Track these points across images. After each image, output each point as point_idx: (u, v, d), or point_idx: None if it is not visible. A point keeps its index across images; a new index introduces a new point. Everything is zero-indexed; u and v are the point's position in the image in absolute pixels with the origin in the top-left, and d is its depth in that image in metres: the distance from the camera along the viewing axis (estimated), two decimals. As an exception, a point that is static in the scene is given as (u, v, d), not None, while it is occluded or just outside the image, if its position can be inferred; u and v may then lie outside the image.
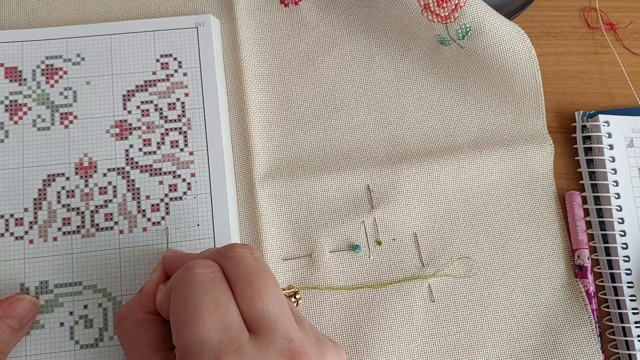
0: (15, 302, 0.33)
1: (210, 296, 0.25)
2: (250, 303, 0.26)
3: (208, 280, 0.26)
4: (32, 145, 0.38)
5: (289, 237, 0.39)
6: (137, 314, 0.30)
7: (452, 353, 0.38)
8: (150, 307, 0.30)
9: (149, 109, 0.39)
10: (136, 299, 0.31)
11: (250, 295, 0.26)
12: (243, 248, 0.28)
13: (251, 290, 0.26)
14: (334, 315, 0.38)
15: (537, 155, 0.42)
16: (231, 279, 0.27)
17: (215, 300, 0.25)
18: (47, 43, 0.40)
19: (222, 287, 0.26)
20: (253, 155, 0.40)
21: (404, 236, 0.40)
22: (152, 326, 0.29)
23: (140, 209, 0.37)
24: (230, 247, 0.28)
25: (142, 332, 0.29)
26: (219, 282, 0.26)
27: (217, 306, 0.25)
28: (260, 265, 0.27)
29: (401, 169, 0.40)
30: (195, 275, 0.26)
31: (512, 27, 0.41)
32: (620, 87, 0.45)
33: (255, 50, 0.43)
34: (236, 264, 0.27)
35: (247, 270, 0.27)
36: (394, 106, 0.43)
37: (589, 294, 0.39)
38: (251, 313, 0.26)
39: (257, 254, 0.28)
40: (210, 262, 0.27)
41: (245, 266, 0.27)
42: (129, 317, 0.30)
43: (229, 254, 0.28)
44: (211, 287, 0.26)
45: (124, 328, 0.30)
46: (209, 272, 0.27)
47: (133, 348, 0.28)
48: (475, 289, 0.39)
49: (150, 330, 0.29)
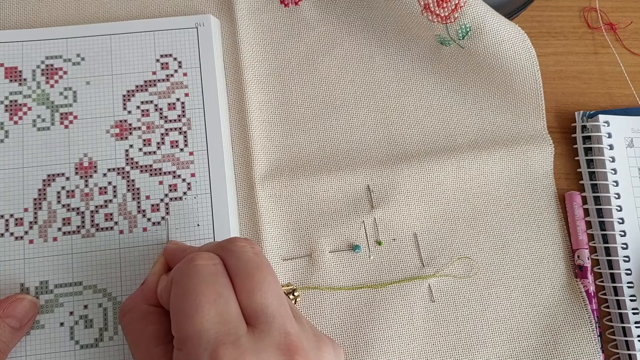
0: (15, 302, 0.34)
1: (211, 288, 0.26)
2: (250, 296, 0.26)
3: (209, 272, 0.26)
4: (32, 145, 0.38)
5: (289, 237, 0.39)
6: (141, 306, 0.30)
7: (452, 353, 0.38)
8: (154, 300, 0.30)
9: (149, 109, 0.39)
10: (139, 291, 0.31)
11: (249, 288, 0.26)
12: (244, 242, 0.29)
13: (251, 284, 0.26)
14: (334, 315, 0.38)
15: (537, 155, 0.42)
16: (232, 272, 0.27)
17: (215, 292, 0.26)
18: (47, 43, 0.40)
19: (222, 279, 0.26)
20: (253, 155, 0.40)
21: (404, 236, 0.40)
22: (156, 319, 0.29)
23: (140, 209, 0.37)
24: (231, 241, 0.29)
25: (146, 324, 0.29)
26: (220, 275, 0.27)
27: (216, 298, 0.25)
28: (261, 259, 0.28)
29: (401, 169, 0.40)
30: (196, 266, 0.27)
31: (512, 27, 0.41)
32: (620, 87, 0.45)
33: (255, 50, 0.43)
34: (237, 258, 0.27)
35: (247, 264, 0.27)
36: (394, 106, 0.43)
37: (589, 294, 0.39)
38: (250, 306, 0.26)
39: (258, 249, 0.29)
40: (211, 255, 0.28)
41: (245, 260, 0.27)
42: (132, 310, 0.30)
43: (231, 248, 0.28)
44: (212, 279, 0.26)
45: (127, 321, 0.30)
46: (210, 264, 0.27)
47: (137, 341, 0.29)
48: (475, 289, 0.39)
49: (154, 323, 0.29)
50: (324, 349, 0.28)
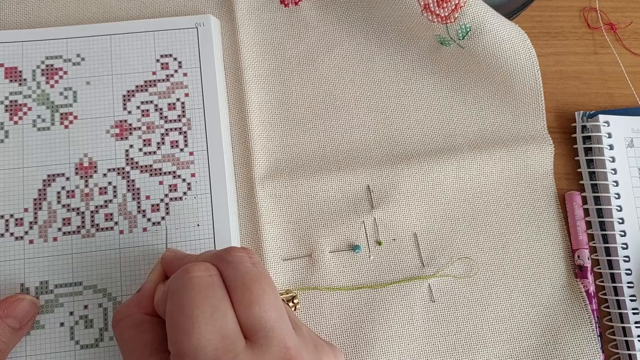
0: (15, 302, 0.33)
1: (207, 301, 0.25)
2: (248, 309, 0.25)
3: (205, 284, 0.26)
4: (32, 145, 0.38)
5: (289, 237, 0.39)
6: (136, 315, 0.29)
7: (452, 353, 0.38)
8: (149, 308, 0.30)
9: (149, 109, 0.39)
10: (135, 299, 0.31)
11: (247, 302, 0.25)
12: (242, 252, 0.28)
13: (249, 296, 0.26)
14: (334, 316, 0.38)
15: (537, 155, 0.42)
16: (229, 283, 0.26)
17: (212, 306, 0.25)
18: (47, 43, 0.40)
19: (219, 292, 0.26)
20: (253, 155, 0.40)
21: (404, 236, 0.40)
22: (151, 328, 0.28)
23: (140, 209, 0.37)
24: (228, 251, 0.28)
25: (141, 333, 0.28)
26: (217, 287, 0.26)
27: (213, 312, 0.25)
28: (259, 270, 0.27)
29: (401, 169, 0.40)
30: (192, 278, 0.26)
31: (512, 27, 0.41)
32: (620, 87, 0.45)
33: (255, 50, 0.43)
34: (234, 268, 0.27)
35: (245, 276, 0.26)
36: (394, 106, 0.43)
37: (589, 294, 0.39)
38: (248, 319, 0.25)
39: (256, 259, 0.28)
40: (208, 266, 0.27)
41: (243, 271, 0.27)
42: (127, 318, 0.29)
43: (228, 258, 0.27)
44: (208, 291, 0.25)
45: (122, 329, 0.29)
46: (207, 275, 0.26)
47: (130, 349, 0.28)
48: (476, 289, 0.39)
49: (148, 332, 0.28)
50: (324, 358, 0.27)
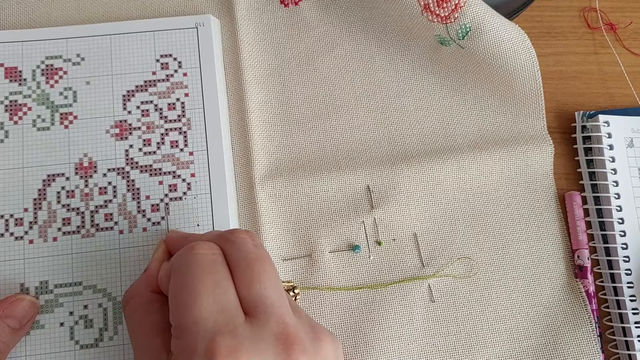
0: (15, 302, 0.33)
1: (210, 277, 0.26)
2: (248, 286, 0.26)
3: (208, 262, 0.27)
4: (32, 145, 0.38)
5: (289, 237, 0.39)
6: (145, 293, 0.30)
7: (452, 353, 0.37)
8: (156, 286, 0.30)
9: (149, 109, 0.39)
10: (143, 278, 0.31)
11: (248, 279, 0.26)
12: (245, 234, 0.29)
13: (250, 274, 0.26)
14: (334, 316, 0.38)
15: (537, 155, 0.42)
16: (231, 262, 0.27)
17: (214, 281, 0.26)
18: (47, 43, 0.40)
19: (221, 269, 0.27)
20: (253, 155, 0.40)
21: (404, 236, 0.40)
22: (159, 307, 0.29)
23: (140, 209, 0.37)
24: (232, 232, 0.29)
25: (151, 312, 0.29)
26: (219, 264, 0.27)
27: (215, 287, 0.26)
28: (261, 251, 0.28)
29: (401, 169, 0.40)
30: (196, 255, 0.27)
31: (512, 27, 0.41)
32: (620, 87, 0.45)
33: (255, 50, 0.43)
34: (237, 248, 0.27)
35: (247, 255, 0.27)
36: (394, 106, 0.43)
37: (589, 294, 0.39)
38: (248, 296, 0.26)
39: (258, 241, 0.29)
40: (212, 245, 0.28)
41: (246, 251, 0.27)
42: (136, 298, 0.30)
43: (231, 238, 0.28)
44: (211, 268, 0.26)
45: (132, 309, 0.30)
46: (210, 253, 0.27)
47: (139, 329, 0.29)
48: (475, 289, 0.39)
49: (156, 312, 0.29)
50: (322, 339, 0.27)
